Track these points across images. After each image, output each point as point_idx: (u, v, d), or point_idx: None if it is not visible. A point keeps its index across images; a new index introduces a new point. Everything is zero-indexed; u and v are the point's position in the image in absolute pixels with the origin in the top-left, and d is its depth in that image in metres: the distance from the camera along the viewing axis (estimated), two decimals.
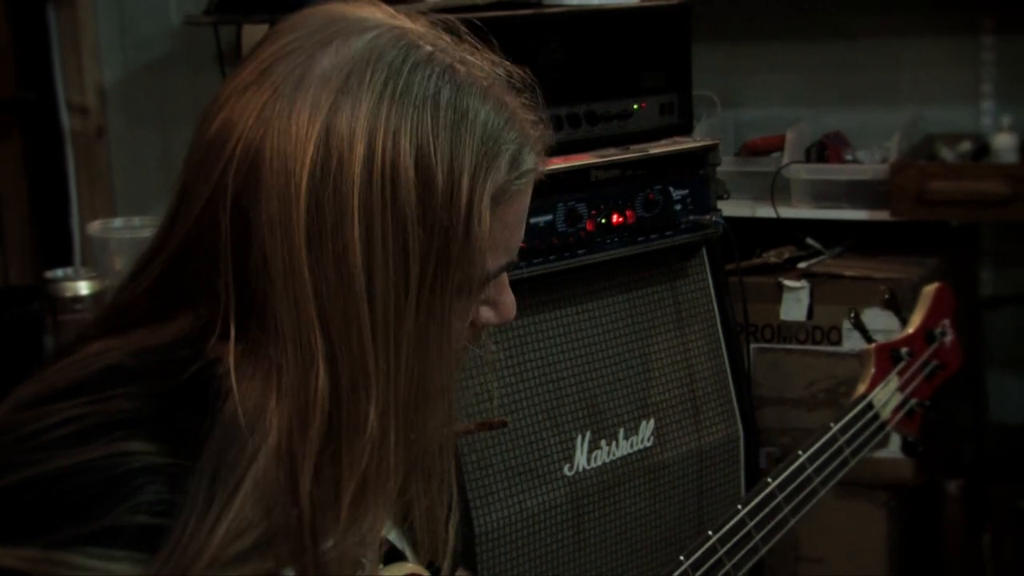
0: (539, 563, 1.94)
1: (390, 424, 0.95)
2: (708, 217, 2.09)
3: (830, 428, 1.42)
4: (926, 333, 1.54)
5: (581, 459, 2.01)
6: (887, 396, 1.48)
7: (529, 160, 1.01)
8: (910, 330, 1.54)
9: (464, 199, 0.95)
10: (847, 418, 1.45)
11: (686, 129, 2.21)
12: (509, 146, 0.99)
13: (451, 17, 1.05)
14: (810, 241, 2.73)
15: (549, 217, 1.92)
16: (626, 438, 2.06)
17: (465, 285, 0.98)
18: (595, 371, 2.04)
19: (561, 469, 1.98)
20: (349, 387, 0.94)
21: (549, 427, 1.98)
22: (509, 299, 1.06)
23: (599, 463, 2.02)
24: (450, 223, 0.95)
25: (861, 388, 1.48)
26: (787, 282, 2.58)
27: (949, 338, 1.56)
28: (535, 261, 1.91)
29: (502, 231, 1.00)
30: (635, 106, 2.13)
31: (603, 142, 2.07)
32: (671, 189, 2.07)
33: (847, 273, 2.58)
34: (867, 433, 1.46)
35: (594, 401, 2.03)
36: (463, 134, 0.96)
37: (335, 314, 0.93)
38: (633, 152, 2.05)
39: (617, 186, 2.01)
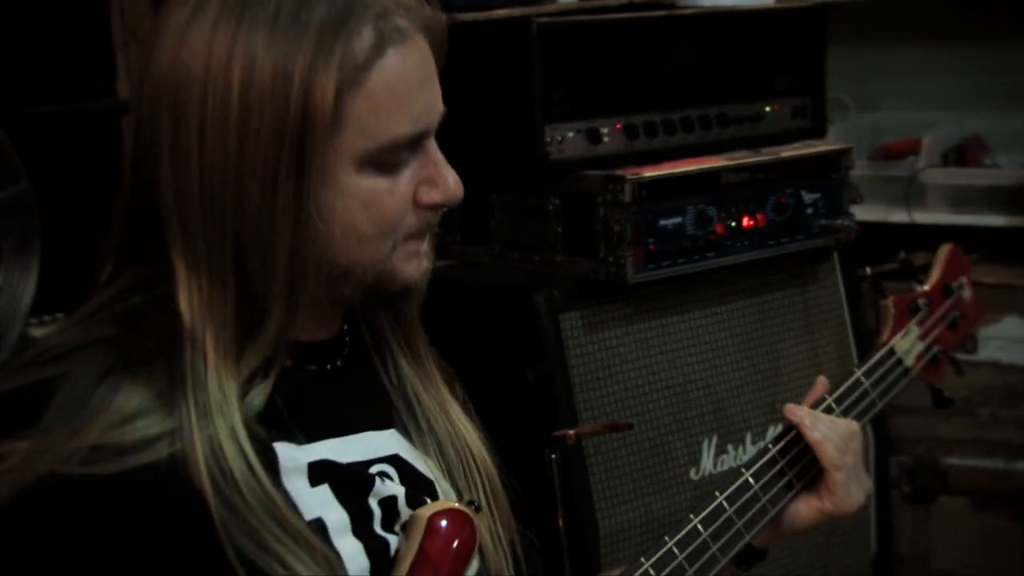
0: None
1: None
2: (840, 221, 2.07)
3: (854, 372, 1.55)
4: (943, 288, 1.69)
5: (707, 463, 2.00)
6: (908, 344, 1.62)
7: (388, 27, 1.07)
8: (926, 287, 1.68)
9: (296, 88, 1.04)
10: (871, 363, 1.57)
11: (819, 132, 2.19)
12: (357, 25, 1.06)
13: None
14: None
15: (679, 219, 1.91)
16: (753, 443, 2.04)
17: (357, 158, 1.07)
18: (723, 375, 2.02)
19: (687, 473, 1.97)
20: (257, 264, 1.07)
21: (676, 430, 1.97)
22: (444, 174, 1.12)
23: (725, 467, 2.01)
24: (287, 113, 1.04)
25: (883, 337, 1.62)
26: None
27: (968, 292, 1.71)
28: (664, 264, 1.90)
29: (387, 98, 1.07)
30: (767, 108, 2.11)
31: (734, 144, 2.06)
32: (803, 193, 2.04)
33: (985, 280, 2.51)
34: (891, 377, 1.59)
35: (721, 405, 2.02)
36: (294, 33, 1.04)
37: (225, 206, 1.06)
38: (764, 155, 2.03)
39: (748, 189, 2.00)
